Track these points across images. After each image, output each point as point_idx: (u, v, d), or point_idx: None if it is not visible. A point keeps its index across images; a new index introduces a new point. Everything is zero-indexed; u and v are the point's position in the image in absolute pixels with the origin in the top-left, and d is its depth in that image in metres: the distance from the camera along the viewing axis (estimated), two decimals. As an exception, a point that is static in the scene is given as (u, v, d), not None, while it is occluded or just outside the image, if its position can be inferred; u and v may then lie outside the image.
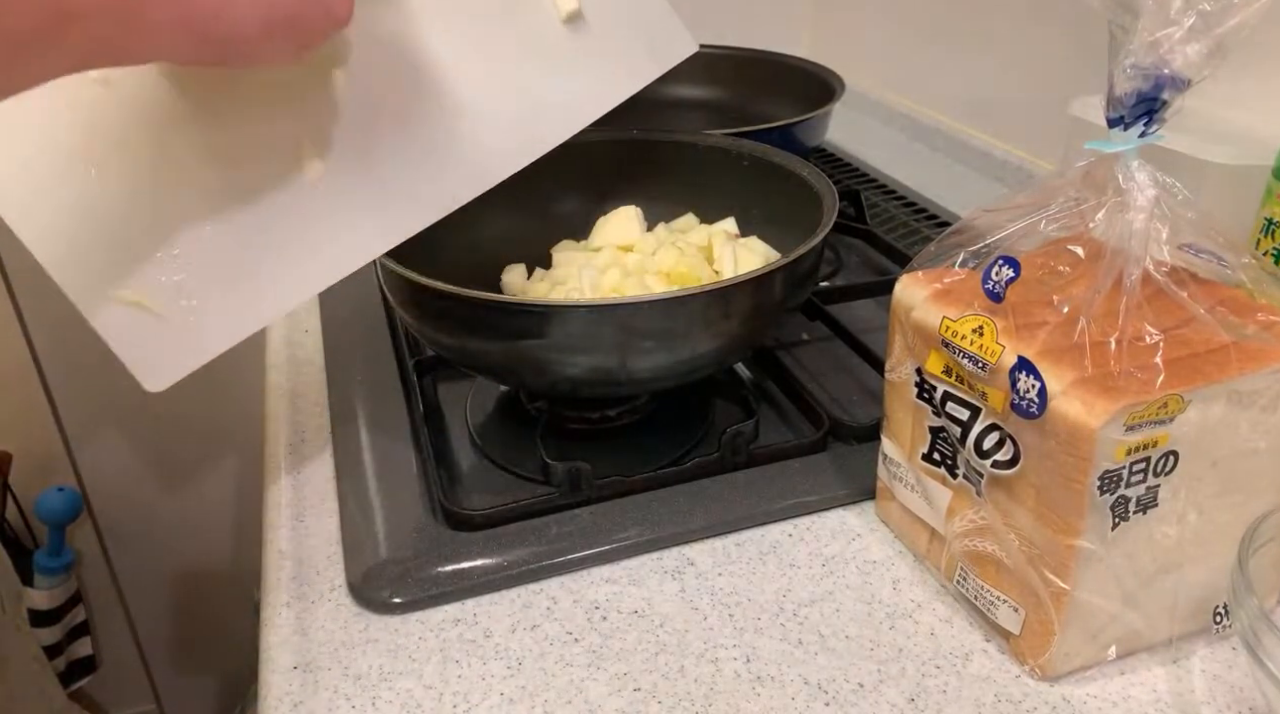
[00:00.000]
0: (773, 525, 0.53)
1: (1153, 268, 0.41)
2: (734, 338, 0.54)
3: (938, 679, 0.44)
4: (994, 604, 0.45)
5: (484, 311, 0.51)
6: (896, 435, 0.49)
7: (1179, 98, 0.40)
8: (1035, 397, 0.39)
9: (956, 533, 0.46)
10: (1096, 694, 0.43)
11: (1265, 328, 0.41)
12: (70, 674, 1.33)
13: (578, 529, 0.52)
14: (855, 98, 1.20)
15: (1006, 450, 0.42)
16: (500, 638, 0.46)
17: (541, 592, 0.49)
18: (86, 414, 1.29)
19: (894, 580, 0.50)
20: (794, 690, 0.44)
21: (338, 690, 0.44)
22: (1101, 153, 0.42)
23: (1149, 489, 0.40)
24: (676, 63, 0.61)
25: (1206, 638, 0.46)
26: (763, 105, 1.00)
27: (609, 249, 0.67)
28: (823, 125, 0.90)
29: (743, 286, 0.51)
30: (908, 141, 1.14)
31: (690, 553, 0.52)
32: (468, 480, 0.57)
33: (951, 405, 0.44)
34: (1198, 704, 0.43)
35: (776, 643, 0.46)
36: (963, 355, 0.42)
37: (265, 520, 0.55)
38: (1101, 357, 0.39)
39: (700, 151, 0.71)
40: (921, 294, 0.45)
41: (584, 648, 0.46)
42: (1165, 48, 0.39)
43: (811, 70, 0.98)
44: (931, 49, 1.13)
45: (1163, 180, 0.42)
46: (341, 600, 0.48)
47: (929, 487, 0.48)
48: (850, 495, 0.55)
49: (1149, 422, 0.38)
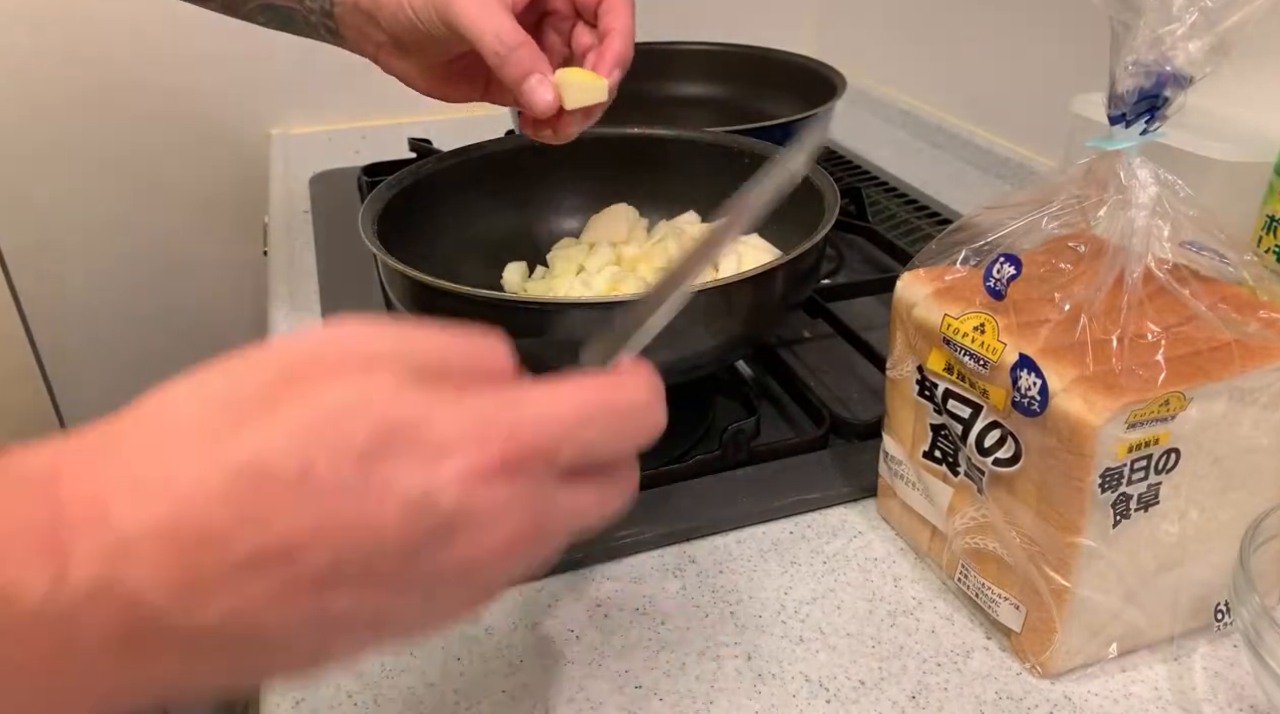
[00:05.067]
0: (774, 523, 0.53)
1: (1154, 265, 0.41)
2: (735, 335, 0.54)
3: (939, 676, 0.44)
4: (995, 601, 0.45)
5: (484, 309, 0.51)
6: (898, 433, 0.49)
7: (1181, 95, 0.40)
8: (1036, 394, 0.39)
9: (958, 530, 0.46)
10: (1098, 692, 0.43)
11: (1267, 325, 0.41)
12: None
13: (579, 527, 0.52)
14: (857, 95, 1.20)
15: (1008, 448, 0.42)
16: (502, 635, 0.46)
17: (543, 589, 0.49)
18: (88, 413, 1.29)
19: (895, 578, 0.50)
20: (795, 688, 0.44)
21: (340, 688, 0.44)
22: (1103, 150, 0.42)
23: (1150, 487, 0.40)
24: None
25: (1208, 635, 0.46)
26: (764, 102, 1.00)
27: (605, 246, 0.67)
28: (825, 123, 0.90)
29: (744, 284, 0.51)
30: (909, 139, 1.14)
31: (691, 550, 0.52)
32: (469, 478, 0.57)
33: (953, 403, 0.44)
34: (1199, 701, 0.43)
35: (778, 640, 0.46)
36: (964, 353, 0.42)
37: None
38: (1103, 354, 0.39)
39: (702, 149, 0.71)
40: (923, 291, 0.45)
41: (585, 645, 0.46)
42: (1167, 45, 0.39)
43: (813, 67, 0.98)
44: (933, 46, 1.13)
45: (1164, 178, 0.42)
46: (343, 598, 0.48)
47: (930, 484, 0.48)
48: (851, 493, 0.55)
49: (1150, 419, 0.38)
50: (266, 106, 1.15)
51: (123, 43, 1.06)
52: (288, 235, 0.90)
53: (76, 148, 1.09)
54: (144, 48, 1.07)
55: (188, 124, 1.12)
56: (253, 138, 1.15)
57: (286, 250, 0.86)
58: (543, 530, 0.26)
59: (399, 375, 0.25)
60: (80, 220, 1.13)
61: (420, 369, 0.25)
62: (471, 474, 0.24)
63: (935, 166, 1.05)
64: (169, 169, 1.14)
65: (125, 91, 1.08)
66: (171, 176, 1.14)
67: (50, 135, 1.08)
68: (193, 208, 1.16)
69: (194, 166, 1.14)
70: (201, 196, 1.16)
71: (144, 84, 1.09)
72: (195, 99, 1.11)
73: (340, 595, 0.23)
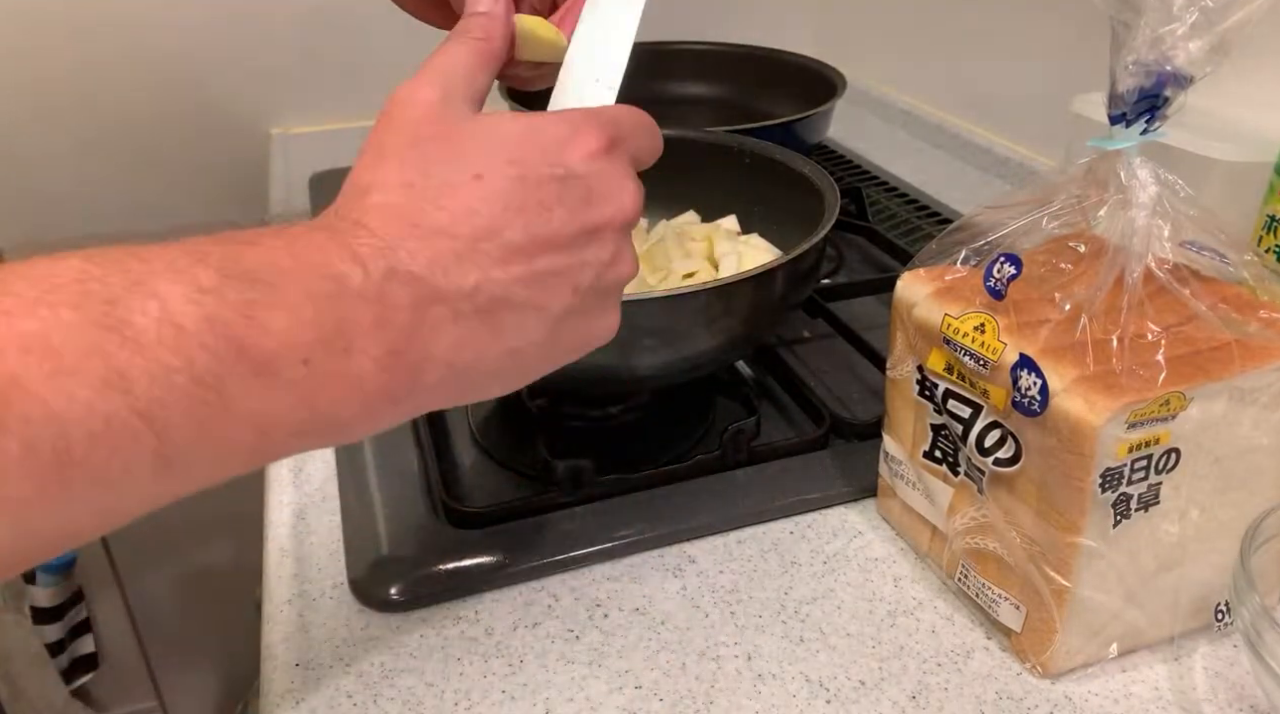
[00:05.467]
0: (774, 523, 0.53)
1: (1155, 265, 0.41)
2: (735, 335, 0.54)
3: (939, 677, 0.44)
4: (995, 602, 0.45)
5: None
6: (898, 433, 0.49)
7: (1181, 94, 0.40)
8: (1037, 394, 0.39)
9: (958, 530, 0.46)
10: (1098, 692, 0.43)
11: (1267, 325, 0.41)
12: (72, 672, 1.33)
13: (579, 527, 0.52)
14: (857, 94, 1.20)
15: (1008, 448, 0.42)
16: (501, 635, 0.46)
17: (543, 589, 0.49)
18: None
19: (895, 578, 0.50)
20: (795, 688, 0.44)
21: (339, 688, 0.44)
22: (1103, 150, 0.42)
23: (1150, 487, 0.40)
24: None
25: (1208, 635, 0.46)
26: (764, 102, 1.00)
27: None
28: (825, 122, 0.90)
29: (744, 284, 0.51)
30: (909, 138, 1.14)
31: (692, 550, 0.52)
32: (469, 478, 0.57)
33: (953, 403, 0.44)
34: (1199, 701, 0.43)
35: (778, 640, 0.46)
36: (964, 353, 0.42)
37: (266, 518, 0.55)
38: (1103, 354, 0.39)
39: (702, 148, 0.71)
40: (923, 291, 0.45)
41: (585, 645, 0.46)
42: (1167, 44, 0.39)
43: (813, 67, 0.98)
44: (934, 46, 1.13)
45: (1165, 177, 0.42)
46: (343, 598, 0.48)
47: (930, 484, 0.47)
48: (851, 493, 0.55)
49: (1151, 419, 0.38)
50: (266, 106, 1.15)
51: (122, 43, 1.06)
52: (287, 235, 0.89)
53: (76, 146, 1.09)
54: (144, 48, 1.07)
55: (188, 124, 1.12)
56: (253, 138, 1.15)
57: (286, 250, 0.86)
58: (630, 213, 0.36)
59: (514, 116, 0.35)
60: (79, 220, 1.13)
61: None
62: (589, 152, 0.35)
63: (935, 166, 1.05)
64: (169, 169, 1.14)
65: (125, 91, 1.08)
66: (172, 176, 1.14)
67: (49, 135, 1.08)
68: (193, 207, 1.16)
69: (194, 166, 1.14)
70: (201, 196, 1.16)
71: (144, 84, 1.09)
72: (195, 99, 1.12)
73: (536, 259, 0.33)
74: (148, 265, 0.26)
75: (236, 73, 1.12)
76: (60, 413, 0.24)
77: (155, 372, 0.25)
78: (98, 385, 0.24)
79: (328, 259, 0.30)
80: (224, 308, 0.27)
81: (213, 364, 0.26)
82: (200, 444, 0.27)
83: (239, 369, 0.27)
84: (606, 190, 0.35)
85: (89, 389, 0.24)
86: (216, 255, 0.28)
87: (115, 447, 0.25)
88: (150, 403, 0.25)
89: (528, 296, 0.34)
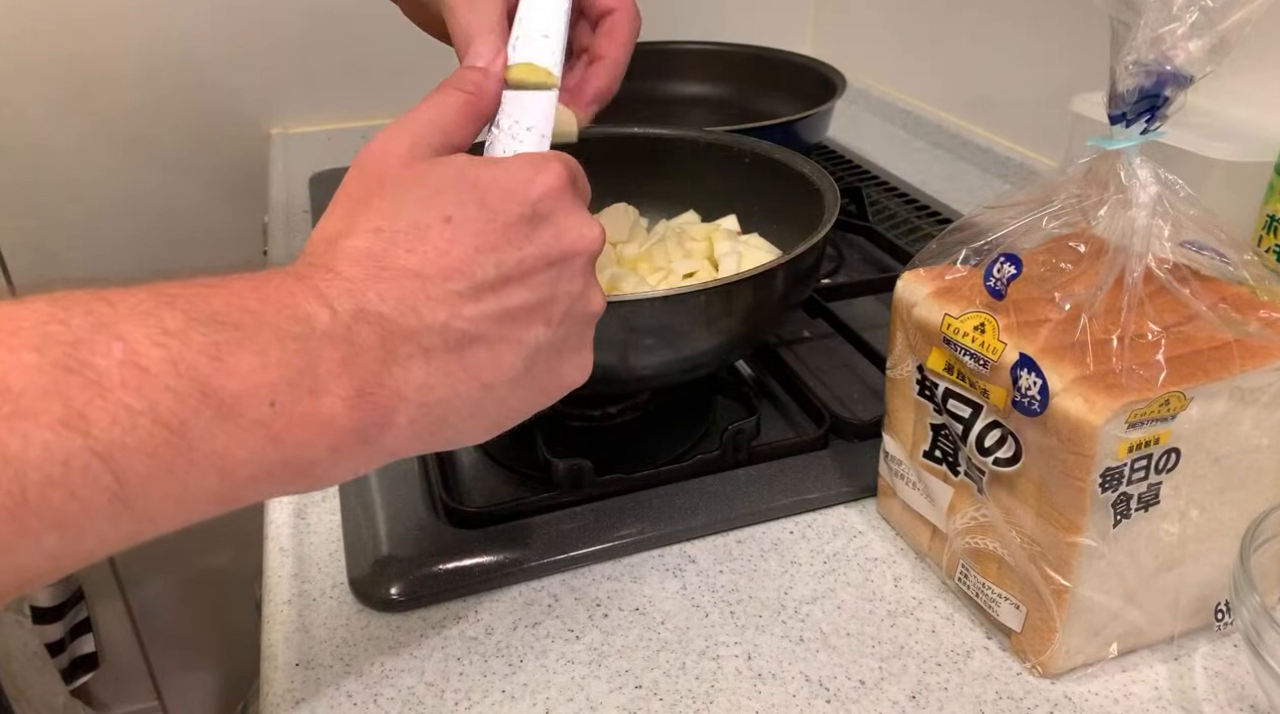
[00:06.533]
0: (774, 523, 0.53)
1: (1155, 265, 0.41)
2: (735, 335, 0.54)
3: (939, 676, 0.44)
4: (995, 601, 0.45)
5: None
6: (898, 432, 0.49)
7: (1181, 94, 0.40)
8: (1037, 394, 0.39)
9: (958, 530, 0.46)
10: (1098, 692, 0.43)
11: (1267, 325, 0.41)
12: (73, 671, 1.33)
13: (579, 526, 0.52)
14: (857, 94, 1.20)
15: (1008, 448, 0.42)
16: (501, 635, 0.46)
17: (543, 589, 0.49)
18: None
19: (895, 578, 0.50)
20: (795, 688, 0.44)
21: (339, 687, 0.44)
22: (1103, 149, 0.42)
23: (1151, 486, 0.40)
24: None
25: (1208, 635, 0.46)
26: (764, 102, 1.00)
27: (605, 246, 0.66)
28: (824, 122, 0.90)
29: (744, 284, 0.51)
30: (909, 138, 1.14)
31: (691, 550, 0.52)
32: (469, 477, 0.57)
33: (953, 402, 0.44)
34: (1199, 701, 0.43)
35: (778, 640, 0.46)
36: (964, 352, 0.42)
37: (266, 517, 0.55)
38: (1103, 354, 0.39)
39: (701, 148, 0.71)
40: (923, 291, 0.45)
41: (585, 645, 0.46)
42: (1167, 44, 0.39)
43: (813, 67, 0.98)
44: (933, 45, 1.13)
45: (1165, 177, 0.42)
46: (343, 598, 0.48)
47: (930, 484, 0.47)
48: (851, 493, 0.55)
49: (1151, 419, 0.38)
50: (266, 106, 1.15)
51: (122, 43, 1.06)
52: (287, 235, 0.90)
53: (75, 147, 1.09)
54: (144, 47, 1.07)
55: (188, 123, 1.12)
56: (253, 137, 1.15)
57: (286, 250, 0.86)
58: (595, 245, 0.37)
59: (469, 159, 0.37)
60: (79, 220, 1.13)
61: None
62: (552, 189, 0.36)
63: (935, 166, 1.05)
64: (169, 168, 1.14)
65: (125, 91, 1.08)
66: (171, 176, 1.14)
67: (49, 135, 1.08)
68: (192, 207, 1.16)
69: (194, 166, 1.14)
70: (201, 196, 1.16)
71: (143, 84, 1.09)
72: (195, 99, 1.12)
73: (507, 294, 0.34)
74: (113, 308, 0.26)
75: (236, 73, 1.12)
76: (16, 454, 0.23)
77: (117, 413, 0.25)
78: (56, 426, 0.24)
79: (295, 301, 0.30)
80: (189, 350, 0.27)
81: (176, 406, 0.26)
82: (160, 487, 0.26)
83: (203, 411, 0.27)
84: (572, 225, 0.36)
85: (47, 430, 0.24)
86: (183, 298, 0.28)
87: (73, 489, 0.24)
88: (109, 445, 0.25)
89: (501, 332, 0.34)
